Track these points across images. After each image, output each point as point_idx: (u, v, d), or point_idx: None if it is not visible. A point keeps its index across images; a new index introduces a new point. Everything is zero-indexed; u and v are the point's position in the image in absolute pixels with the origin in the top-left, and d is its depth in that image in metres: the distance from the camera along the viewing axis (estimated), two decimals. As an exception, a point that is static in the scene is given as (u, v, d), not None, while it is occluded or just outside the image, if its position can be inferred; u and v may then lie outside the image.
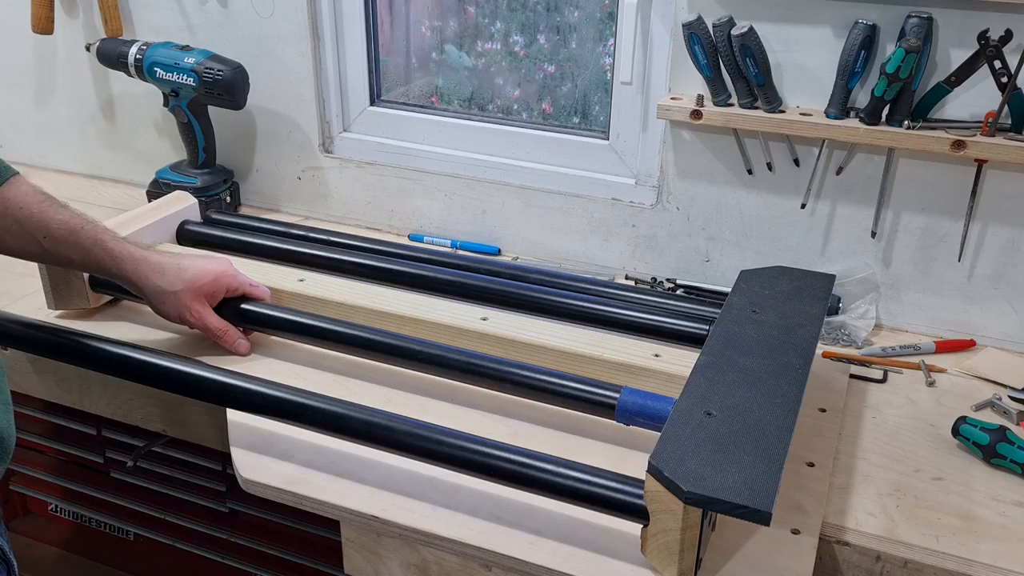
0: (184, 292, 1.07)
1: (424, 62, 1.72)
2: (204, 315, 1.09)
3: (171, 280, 1.07)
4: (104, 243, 1.04)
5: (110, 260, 1.04)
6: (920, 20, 1.15)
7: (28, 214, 1.01)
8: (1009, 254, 1.26)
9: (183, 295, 1.07)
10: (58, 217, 1.02)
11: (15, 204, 1.01)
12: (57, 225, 1.02)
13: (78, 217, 1.04)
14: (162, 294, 1.07)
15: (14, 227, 1.01)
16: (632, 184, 1.48)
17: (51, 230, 1.02)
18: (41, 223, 1.01)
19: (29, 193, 1.02)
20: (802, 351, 0.98)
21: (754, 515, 0.73)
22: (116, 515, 1.46)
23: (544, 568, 0.85)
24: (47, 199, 1.03)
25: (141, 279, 1.06)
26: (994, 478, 1.02)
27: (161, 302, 1.08)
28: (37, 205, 1.02)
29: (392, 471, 0.96)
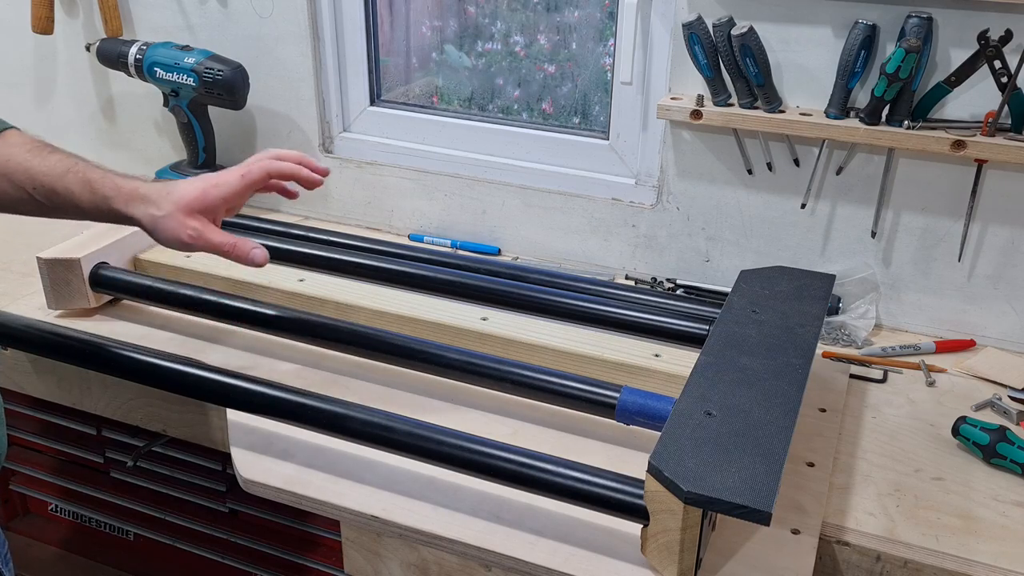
0: (175, 213, 0.96)
1: (424, 62, 1.72)
2: (204, 232, 0.97)
3: (160, 204, 0.97)
4: (92, 183, 0.97)
5: (101, 200, 0.97)
6: (920, 20, 1.16)
7: (15, 165, 0.95)
8: (1009, 254, 1.26)
9: (175, 216, 0.96)
10: (45, 163, 0.96)
11: (2, 158, 0.96)
12: (44, 171, 0.95)
13: (65, 160, 0.97)
14: (155, 221, 0.97)
15: (3, 181, 0.96)
16: (632, 184, 1.48)
17: (37, 178, 0.95)
18: (28, 172, 0.95)
19: (17, 144, 0.97)
20: (802, 351, 0.98)
21: (754, 515, 0.73)
22: (116, 515, 1.46)
23: (544, 568, 0.85)
24: (36, 147, 0.97)
25: (134, 214, 0.97)
26: (994, 478, 1.02)
27: (157, 230, 0.97)
28: (24, 155, 0.96)
29: (392, 471, 0.96)
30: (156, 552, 1.44)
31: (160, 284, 1.22)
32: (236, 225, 1.42)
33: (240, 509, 1.31)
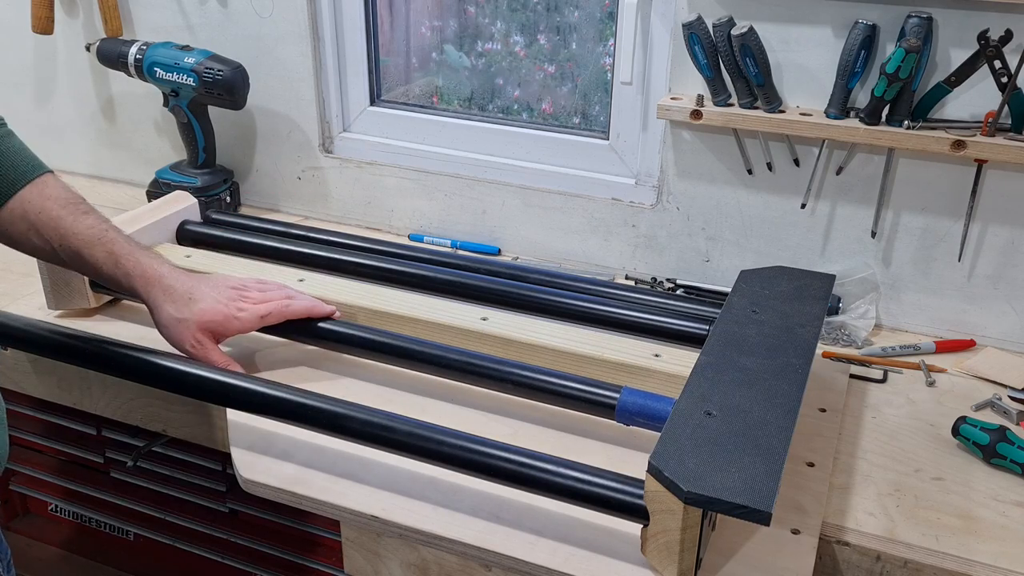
0: (188, 322, 1.03)
1: (424, 62, 1.72)
2: (207, 350, 1.04)
3: (180, 308, 1.03)
4: (118, 258, 1.01)
5: (122, 276, 1.02)
6: (920, 20, 1.16)
7: (46, 220, 0.98)
8: (1009, 254, 1.26)
9: (189, 327, 1.03)
10: (77, 226, 1.00)
11: (34, 208, 0.98)
12: (74, 234, 0.99)
13: (96, 227, 1.01)
14: (169, 320, 1.03)
15: (31, 232, 0.99)
16: (632, 184, 1.48)
17: (66, 239, 0.99)
18: (58, 231, 0.99)
19: (51, 197, 0.99)
20: (802, 351, 0.98)
21: (754, 515, 0.73)
22: (116, 515, 1.46)
23: (544, 568, 0.85)
24: (69, 204, 1.00)
25: (150, 300, 1.03)
26: (994, 478, 1.02)
27: (167, 327, 1.04)
28: (57, 211, 0.99)
29: (392, 471, 0.96)
30: (156, 552, 1.44)
31: (160, 284, 1.22)
32: (236, 225, 1.42)
33: (240, 509, 1.31)
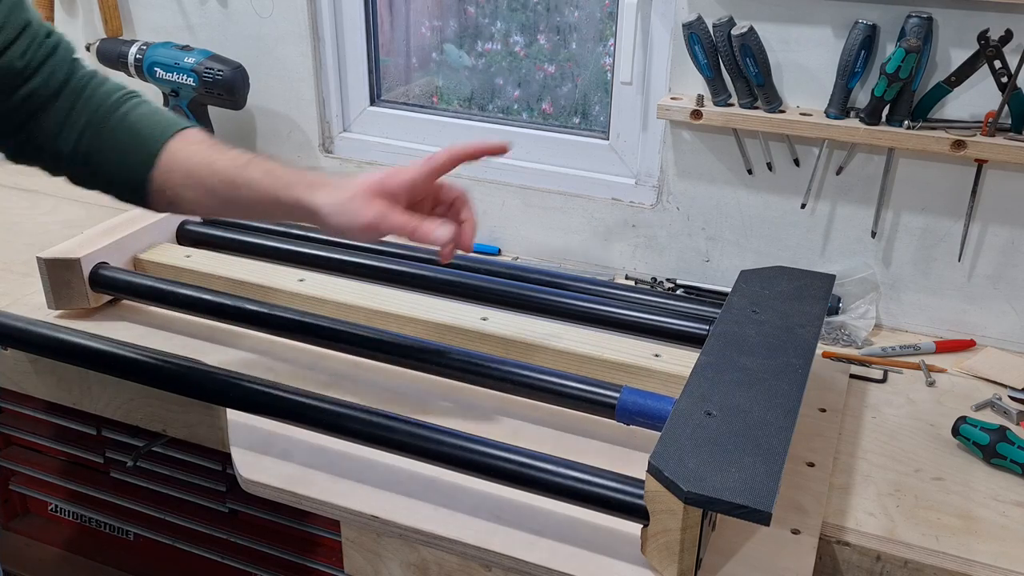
0: (359, 194, 0.92)
1: (424, 62, 1.72)
2: (388, 213, 0.92)
3: (344, 187, 0.93)
4: (273, 171, 0.94)
5: (282, 187, 0.93)
6: (920, 20, 1.16)
7: (196, 161, 0.95)
8: (1009, 254, 1.26)
9: (360, 197, 0.91)
10: (226, 156, 0.95)
11: (183, 155, 0.95)
12: (225, 164, 0.94)
13: (246, 153, 0.96)
14: (339, 205, 0.91)
15: (186, 179, 0.95)
16: (632, 184, 1.48)
17: (218, 172, 0.94)
18: (210, 167, 0.94)
19: (197, 141, 0.97)
20: (802, 351, 0.98)
21: (754, 515, 0.73)
22: (116, 515, 1.46)
23: (544, 568, 0.85)
24: (216, 144, 0.97)
25: (315, 199, 0.92)
26: (994, 478, 1.02)
27: (341, 214, 0.91)
28: (205, 151, 0.96)
29: (392, 471, 0.96)
30: (156, 552, 1.44)
31: (160, 284, 1.22)
32: (236, 225, 1.42)
33: (240, 509, 1.31)
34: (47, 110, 0.93)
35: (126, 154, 0.95)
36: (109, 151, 0.95)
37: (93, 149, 0.94)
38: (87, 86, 0.95)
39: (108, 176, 0.96)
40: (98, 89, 0.95)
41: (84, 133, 0.94)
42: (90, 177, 0.97)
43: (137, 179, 0.95)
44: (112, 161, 0.95)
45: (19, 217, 1.63)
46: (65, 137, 0.94)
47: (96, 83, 0.96)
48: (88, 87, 0.95)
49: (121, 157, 0.95)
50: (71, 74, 0.94)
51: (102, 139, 0.94)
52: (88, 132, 0.94)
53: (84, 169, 0.96)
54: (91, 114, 0.94)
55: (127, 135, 0.95)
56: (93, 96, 0.95)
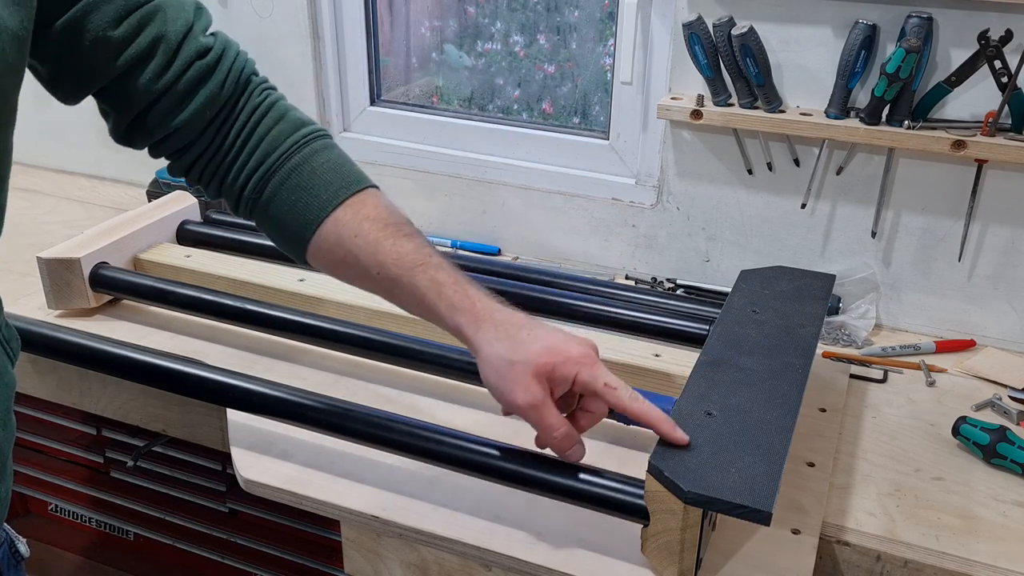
0: (524, 365, 0.82)
1: (424, 62, 1.72)
2: (543, 405, 0.82)
3: (513, 347, 0.83)
4: (441, 287, 0.85)
5: (445, 308, 0.85)
6: (920, 20, 1.16)
7: (362, 244, 0.86)
8: (1009, 254, 1.26)
9: (521, 369, 0.82)
10: (395, 250, 0.86)
11: (350, 232, 0.86)
12: (393, 260, 0.85)
13: (419, 251, 0.87)
14: (497, 360, 0.83)
15: (350, 258, 0.87)
16: (632, 184, 1.48)
17: (384, 267, 0.85)
18: (375, 257, 0.86)
19: (369, 218, 0.87)
20: (802, 351, 0.97)
21: (754, 515, 0.73)
22: (116, 515, 1.46)
23: (544, 568, 0.85)
24: (389, 225, 0.87)
25: (478, 338, 0.84)
26: (994, 478, 1.02)
27: (493, 369, 0.84)
28: (375, 234, 0.86)
29: (392, 471, 0.96)
30: (156, 552, 1.44)
31: (160, 284, 1.22)
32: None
33: (240, 509, 1.32)
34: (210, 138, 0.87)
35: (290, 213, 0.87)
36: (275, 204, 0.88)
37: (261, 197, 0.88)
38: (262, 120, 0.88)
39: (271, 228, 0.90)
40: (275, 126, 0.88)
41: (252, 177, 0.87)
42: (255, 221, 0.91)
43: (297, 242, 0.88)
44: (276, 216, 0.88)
45: (19, 217, 1.63)
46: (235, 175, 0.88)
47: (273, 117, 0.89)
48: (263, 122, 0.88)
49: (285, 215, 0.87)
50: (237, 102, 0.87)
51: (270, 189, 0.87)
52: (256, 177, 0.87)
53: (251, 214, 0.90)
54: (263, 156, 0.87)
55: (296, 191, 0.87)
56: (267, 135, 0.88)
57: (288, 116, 0.90)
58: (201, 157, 0.88)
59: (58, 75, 0.80)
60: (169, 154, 0.88)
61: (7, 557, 0.86)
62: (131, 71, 0.80)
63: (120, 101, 0.83)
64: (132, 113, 0.83)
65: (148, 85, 0.81)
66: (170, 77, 0.81)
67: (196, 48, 0.83)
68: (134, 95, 0.81)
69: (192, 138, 0.86)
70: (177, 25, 0.81)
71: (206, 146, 0.87)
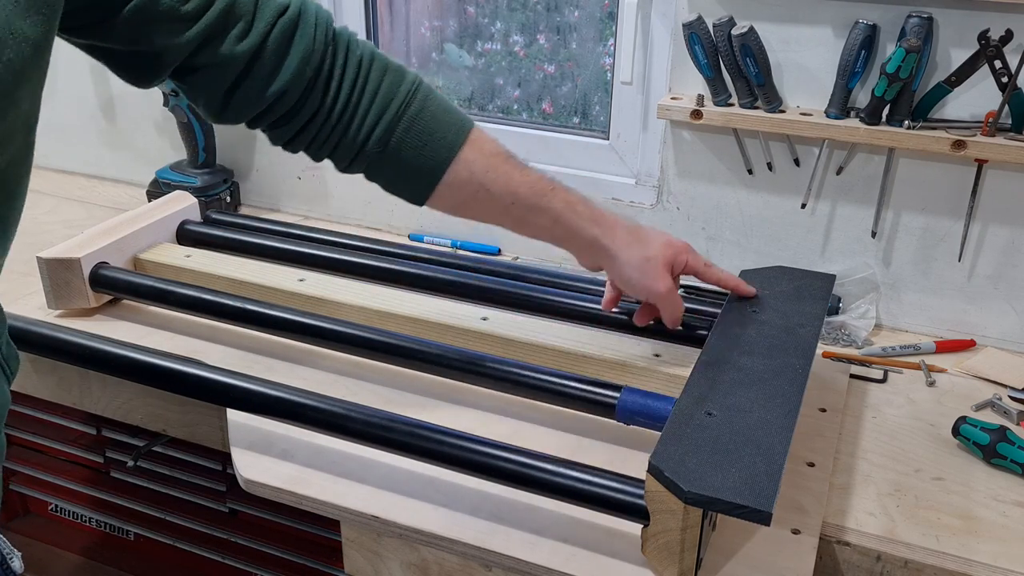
0: (657, 259, 0.97)
1: (424, 62, 1.72)
2: (674, 292, 0.99)
3: (644, 247, 0.97)
4: (575, 205, 0.95)
5: (585, 223, 0.95)
6: (920, 20, 1.16)
7: (494, 177, 0.91)
8: (1009, 254, 1.26)
9: (656, 263, 0.96)
10: (527, 178, 0.93)
11: (481, 168, 0.91)
12: (528, 188, 0.93)
13: (544, 178, 0.95)
14: (637, 259, 0.96)
15: (481, 193, 0.92)
16: (632, 184, 1.48)
17: (520, 195, 0.93)
18: (508, 187, 0.92)
19: (492, 153, 0.93)
20: (802, 351, 0.97)
21: (754, 515, 0.73)
22: (116, 515, 1.46)
23: (544, 568, 0.85)
24: (510, 157, 0.94)
25: (617, 245, 0.96)
26: (994, 478, 1.02)
27: (634, 267, 0.96)
28: (502, 166, 0.93)
29: (392, 471, 0.96)
30: (156, 552, 1.44)
31: (160, 284, 1.22)
32: (236, 225, 1.42)
33: (240, 509, 1.32)
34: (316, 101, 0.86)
35: (417, 160, 0.90)
36: (400, 154, 0.90)
37: (386, 150, 0.89)
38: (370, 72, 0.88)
39: (395, 177, 0.92)
40: (383, 77, 0.88)
41: (374, 131, 0.88)
42: (377, 175, 0.93)
43: (425, 185, 0.91)
44: (402, 165, 0.90)
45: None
46: (354, 132, 0.88)
47: (378, 67, 0.88)
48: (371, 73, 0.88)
49: (412, 162, 0.90)
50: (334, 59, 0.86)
51: (394, 141, 0.89)
52: (378, 130, 0.88)
53: (375, 168, 0.91)
54: (381, 110, 0.88)
55: (421, 137, 0.89)
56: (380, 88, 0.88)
57: (391, 66, 0.90)
58: (313, 120, 0.87)
59: (134, 59, 0.79)
60: (273, 122, 0.87)
61: None
62: (209, 42, 0.79)
63: (207, 76, 0.81)
64: (224, 85, 0.82)
65: (232, 53, 0.79)
66: (254, 40, 0.80)
67: (275, 7, 0.81)
68: (220, 66, 0.80)
69: (296, 100, 0.85)
70: None
71: (316, 107, 0.86)
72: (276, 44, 0.81)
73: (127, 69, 0.80)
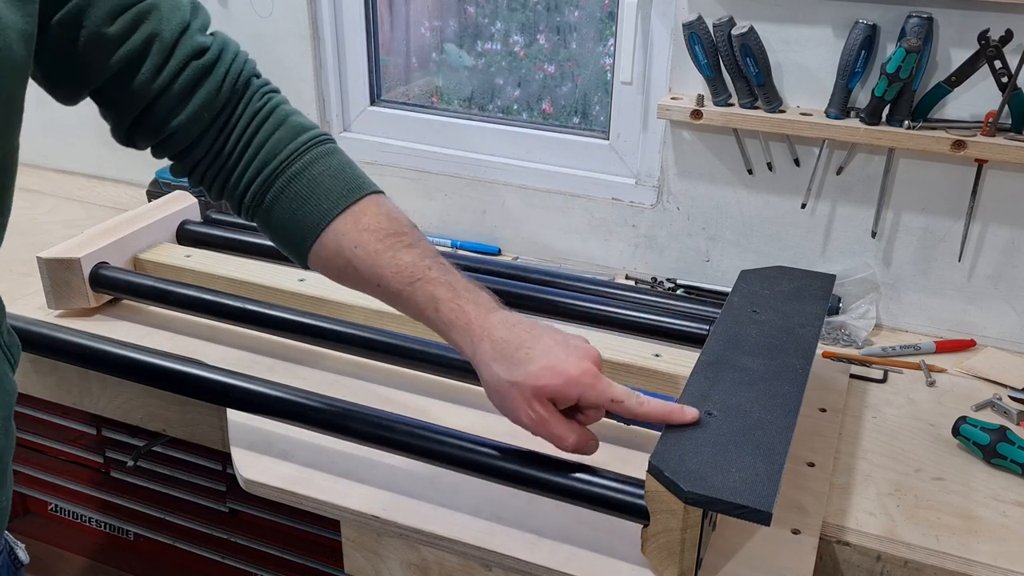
0: (523, 387, 0.81)
1: (424, 62, 1.72)
2: (548, 420, 0.81)
3: (510, 367, 0.82)
4: (439, 303, 0.84)
5: (444, 324, 0.85)
6: (920, 20, 1.16)
7: (362, 255, 0.85)
8: (1009, 254, 1.26)
9: (520, 391, 0.81)
10: (394, 263, 0.85)
11: (349, 243, 0.85)
12: (392, 274, 0.84)
13: (417, 264, 0.85)
14: (500, 386, 0.82)
15: (349, 269, 0.86)
16: (632, 184, 1.48)
17: (384, 278, 0.85)
18: (374, 270, 0.85)
19: (369, 228, 0.86)
20: (802, 351, 0.97)
21: (755, 515, 0.73)
22: (116, 515, 1.46)
23: (544, 568, 0.85)
24: (389, 236, 0.86)
25: (475, 356, 0.84)
26: (994, 478, 1.02)
27: (493, 390, 0.84)
28: (374, 245, 0.85)
29: (392, 471, 0.96)
30: (156, 552, 1.44)
31: (160, 284, 1.22)
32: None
33: (240, 509, 1.32)
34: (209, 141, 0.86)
35: (290, 222, 0.87)
36: (275, 213, 0.87)
37: (261, 205, 0.87)
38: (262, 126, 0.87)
39: (273, 235, 0.90)
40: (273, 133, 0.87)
41: (252, 184, 0.86)
42: (258, 226, 0.90)
43: (298, 251, 0.88)
44: (277, 224, 0.88)
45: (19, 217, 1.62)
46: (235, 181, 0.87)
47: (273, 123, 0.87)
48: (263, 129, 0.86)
49: (285, 223, 0.87)
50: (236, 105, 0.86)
51: (270, 197, 0.86)
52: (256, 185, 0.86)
53: (254, 219, 0.89)
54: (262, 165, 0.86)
55: (295, 202, 0.86)
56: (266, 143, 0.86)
57: (288, 121, 0.88)
58: (202, 160, 0.87)
59: (55, 74, 0.80)
60: (171, 156, 0.88)
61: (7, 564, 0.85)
62: (126, 70, 0.79)
63: (118, 102, 0.82)
64: (132, 114, 0.83)
65: (144, 85, 0.80)
66: (166, 77, 0.80)
67: (192, 47, 0.82)
68: (131, 95, 0.81)
69: (192, 140, 0.85)
70: (172, 24, 0.80)
71: (207, 150, 0.86)
72: (183, 86, 0.82)
73: (51, 83, 0.81)
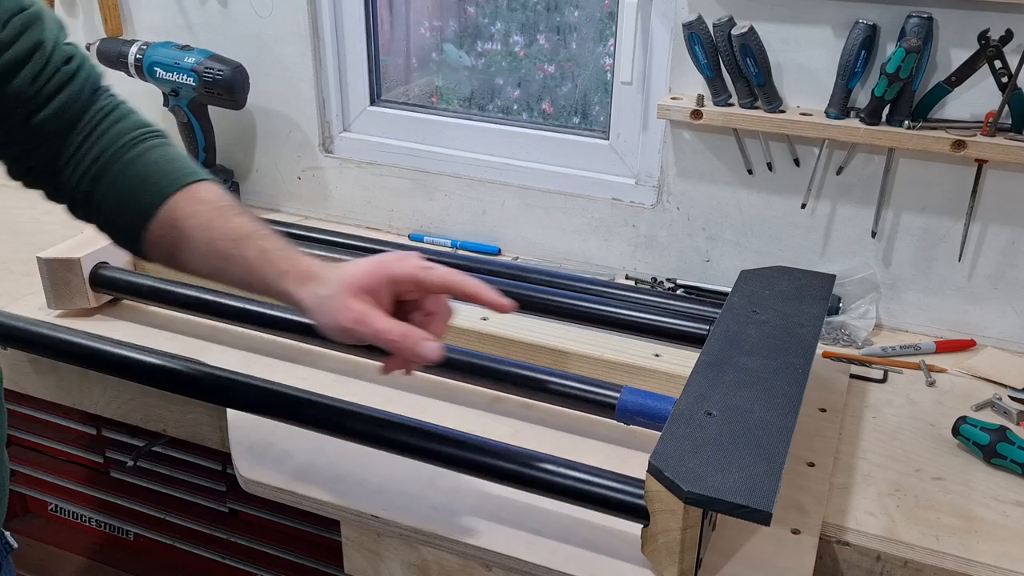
0: (340, 293, 0.80)
1: (424, 62, 1.72)
2: (367, 316, 0.80)
3: (327, 282, 0.81)
4: (268, 253, 0.83)
5: (274, 275, 0.83)
6: (920, 20, 1.16)
7: (194, 224, 0.84)
8: (1009, 254, 1.26)
9: (339, 296, 0.80)
10: (225, 226, 0.84)
11: (184, 214, 0.84)
12: (223, 234, 0.83)
13: (250, 224, 0.85)
14: (319, 302, 0.81)
15: (181, 241, 0.85)
16: (632, 184, 1.48)
17: (214, 242, 0.84)
18: (206, 233, 0.84)
19: (204, 201, 0.85)
20: (802, 351, 0.97)
21: (754, 515, 0.73)
22: (116, 515, 1.46)
23: (544, 568, 0.85)
24: (223, 208, 0.85)
25: (300, 296, 0.82)
26: (994, 478, 1.02)
27: (320, 312, 0.82)
28: (207, 214, 0.84)
29: (392, 471, 0.96)
30: (156, 552, 1.44)
31: (160, 284, 1.22)
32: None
33: (240, 509, 1.32)
34: (58, 140, 0.86)
35: (127, 201, 0.87)
36: (112, 193, 0.87)
37: (96, 188, 0.87)
38: (105, 119, 0.87)
39: (106, 218, 0.89)
40: (116, 124, 0.88)
41: (90, 170, 0.87)
42: (89, 215, 0.90)
43: (133, 229, 0.87)
44: (112, 205, 0.87)
45: (19, 217, 1.63)
46: (71, 171, 0.87)
47: (116, 116, 0.88)
48: (106, 120, 0.87)
49: (122, 202, 0.87)
50: (89, 106, 0.87)
51: (107, 179, 0.86)
52: (94, 169, 0.86)
53: (85, 207, 0.89)
54: (101, 151, 0.86)
55: (133, 180, 0.86)
56: (108, 131, 0.87)
57: (131, 116, 0.89)
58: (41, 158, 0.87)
59: None
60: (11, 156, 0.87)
61: None
62: (7, 74, 0.80)
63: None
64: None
65: (22, 89, 0.81)
66: (41, 82, 0.82)
67: (63, 54, 0.83)
68: (7, 98, 0.81)
69: (40, 140, 0.86)
70: (52, 33, 0.82)
71: (47, 146, 0.87)
72: (52, 88, 0.83)
73: None
